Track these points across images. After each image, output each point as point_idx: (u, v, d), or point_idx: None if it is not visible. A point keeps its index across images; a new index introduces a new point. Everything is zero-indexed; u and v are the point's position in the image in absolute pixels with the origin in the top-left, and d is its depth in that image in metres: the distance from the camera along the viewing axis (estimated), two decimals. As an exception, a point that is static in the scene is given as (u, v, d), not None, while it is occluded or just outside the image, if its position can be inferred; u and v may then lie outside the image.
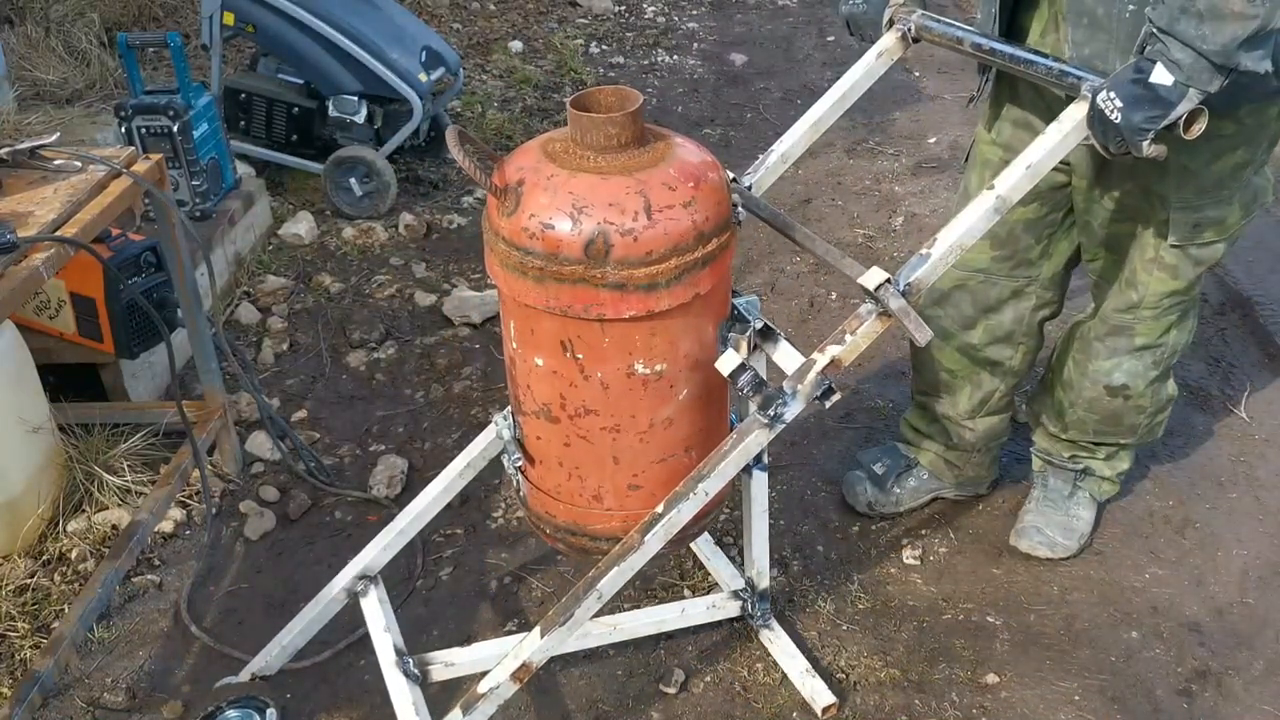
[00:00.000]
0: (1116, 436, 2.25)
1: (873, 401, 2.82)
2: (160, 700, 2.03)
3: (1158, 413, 2.23)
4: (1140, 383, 2.14)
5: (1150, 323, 2.08)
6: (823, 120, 1.91)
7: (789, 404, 1.55)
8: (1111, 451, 2.30)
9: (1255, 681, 2.05)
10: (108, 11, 4.63)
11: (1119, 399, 2.16)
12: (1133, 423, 2.21)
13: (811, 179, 4.02)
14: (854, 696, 2.03)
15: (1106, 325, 2.12)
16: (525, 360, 1.62)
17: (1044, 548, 2.31)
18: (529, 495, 1.79)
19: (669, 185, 1.49)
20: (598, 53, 5.33)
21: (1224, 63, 1.49)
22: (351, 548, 2.12)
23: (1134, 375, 2.13)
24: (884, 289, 1.50)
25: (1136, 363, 2.12)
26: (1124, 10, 1.72)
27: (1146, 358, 2.12)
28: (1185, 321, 2.12)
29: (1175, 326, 2.10)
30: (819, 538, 2.40)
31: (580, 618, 1.63)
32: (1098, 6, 1.75)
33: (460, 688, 1.92)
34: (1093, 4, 1.75)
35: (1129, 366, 2.12)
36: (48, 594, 2.21)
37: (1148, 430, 2.25)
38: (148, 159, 2.14)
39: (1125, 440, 2.26)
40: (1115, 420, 2.21)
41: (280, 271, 3.38)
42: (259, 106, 3.73)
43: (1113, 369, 2.13)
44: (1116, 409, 2.18)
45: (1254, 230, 3.57)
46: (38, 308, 2.51)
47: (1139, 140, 1.52)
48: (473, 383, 2.92)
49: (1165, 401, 2.22)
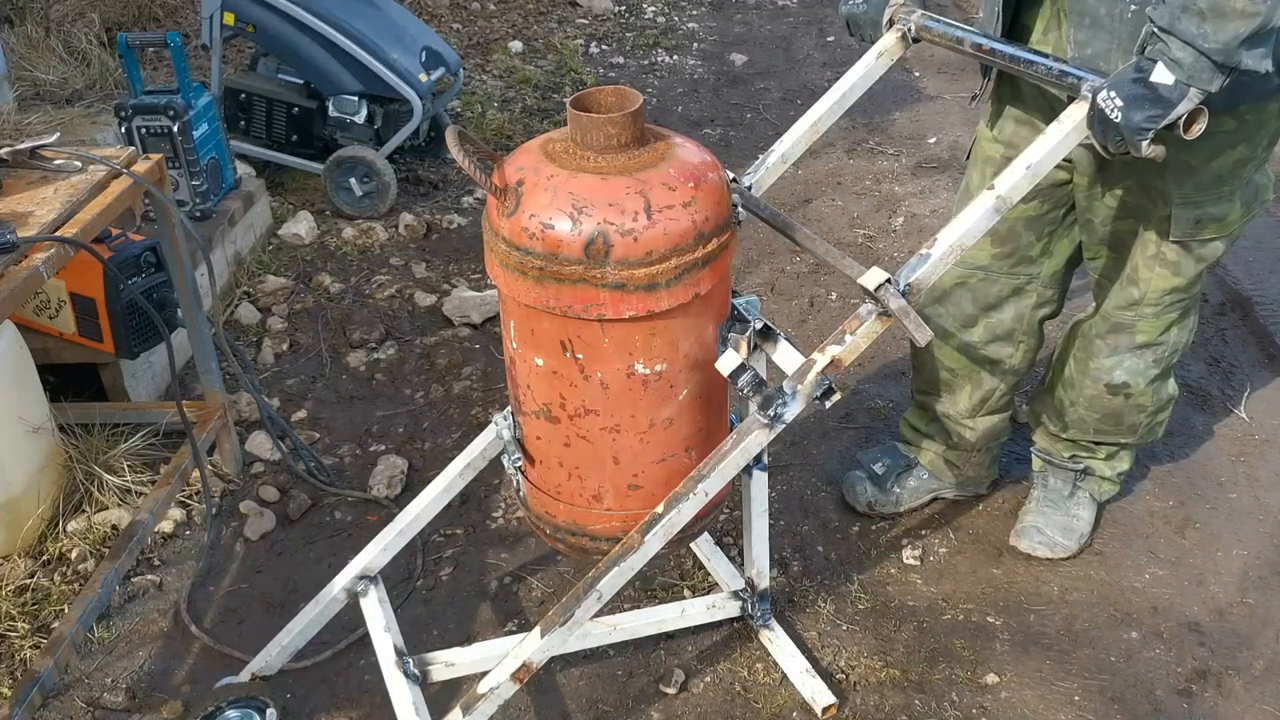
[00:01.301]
0: (1117, 436, 2.25)
1: (873, 402, 2.82)
2: (160, 700, 2.03)
3: (1158, 412, 2.23)
4: (1141, 381, 2.14)
5: (1151, 320, 2.08)
6: (823, 120, 1.91)
7: (789, 404, 1.55)
8: (1112, 451, 2.30)
9: (1255, 681, 2.05)
10: (108, 11, 4.64)
11: (1120, 397, 2.16)
12: (1133, 422, 2.21)
13: (811, 179, 4.02)
14: (854, 696, 2.03)
15: (1108, 323, 2.12)
16: (525, 360, 1.62)
17: (1044, 548, 2.31)
18: (529, 495, 1.79)
19: (669, 185, 1.49)
20: (598, 53, 5.33)
21: (1225, 61, 1.49)
22: (351, 548, 2.12)
23: (1135, 373, 2.13)
24: (884, 289, 1.50)
25: (1137, 361, 2.12)
26: (1126, 10, 1.72)
27: (1148, 356, 2.12)
28: (1186, 320, 2.12)
29: (1176, 325, 2.10)
30: (819, 538, 2.40)
31: (580, 618, 1.63)
32: (1100, 7, 1.75)
33: (460, 688, 1.93)
34: (1095, 4, 1.75)
35: (1130, 364, 2.12)
36: (48, 594, 2.21)
37: (1148, 430, 2.25)
38: (148, 159, 2.14)
39: (1126, 440, 2.26)
40: (1116, 419, 2.21)
41: (280, 271, 3.38)
42: (259, 106, 3.73)
43: (1114, 367, 2.13)
44: (1117, 408, 2.18)
45: (1254, 230, 3.57)
46: (38, 308, 2.51)
47: (1139, 140, 1.52)
48: (473, 383, 2.92)
49: (1166, 401, 2.22)
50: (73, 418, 2.44)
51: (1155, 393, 2.17)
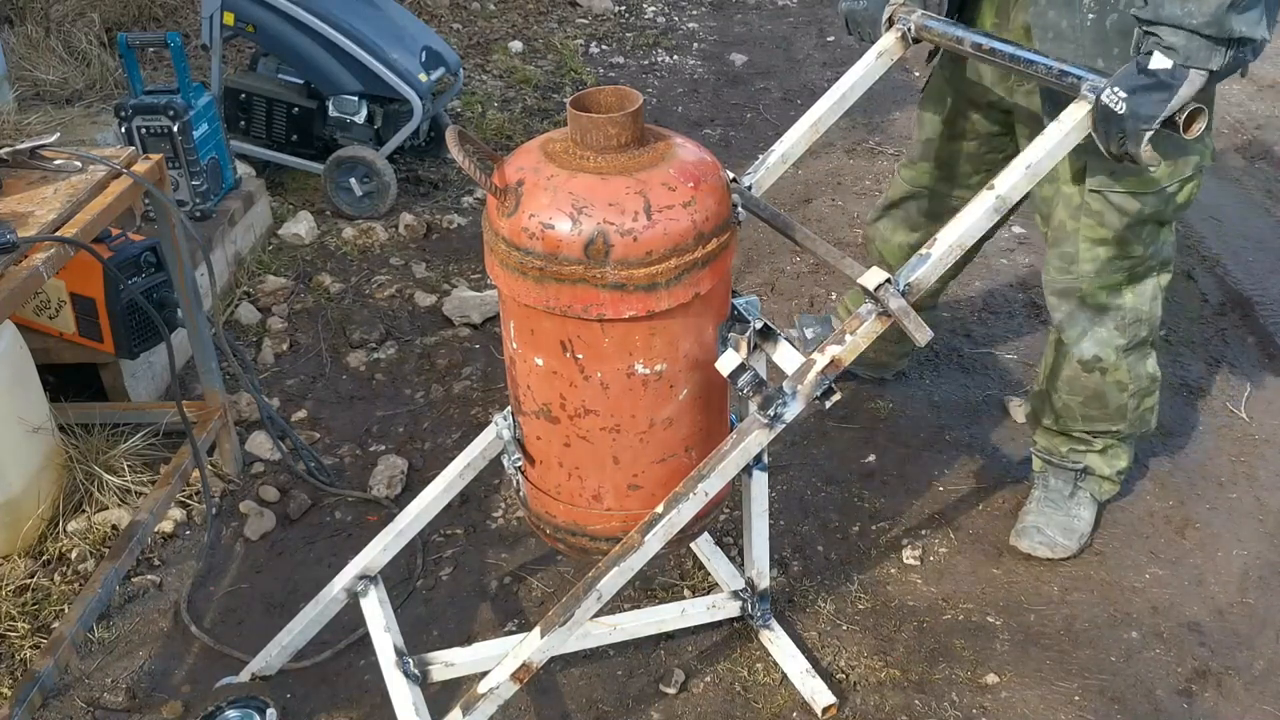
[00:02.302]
0: (1107, 423, 2.25)
1: (873, 402, 2.82)
2: (160, 700, 2.03)
3: (1143, 396, 2.24)
4: (1110, 352, 2.15)
5: (1093, 280, 2.09)
6: (822, 120, 1.92)
7: (789, 404, 1.55)
8: (1108, 444, 2.30)
9: (1255, 681, 2.05)
10: (108, 11, 4.63)
11: (1095, 374, 2.18)
12: (1118, 404, 2.22)
13: (811, 179, 4.02)
14: (854, 696, 2.03)
15: (1055, 290, 2.16)
16: (525, 360, 1.62)
17: (1044, 548, 2.31)
18: (529, 495, 1.79)
19: (669, 185, 1.49)
20: (598, 53, 5.33)
21: (1218, 34, 1.51)
22: (351, 548, 2.12)
23: (1102, 344, 2.15)
24: (884, 289, 1.51)
25: (1101, 330, 2.14)
26: (1085, 20, 1.80)
27: (1109, 323, 2.13)
28: (1140, 286, 2.12)
29: (1127, 289, 2.11)
30: (819, 538, 2.40)
31: (580, 618, 1.63)
32: (1061, 20, 1.82)
33: (460, 688, 1.93)
34: (1055, 17, 1.82)
35: (1096, 335, 2.14)
36: (48, 594, 2.21)
37: (1138, 417, 2.26)
38: (148, 159, 2.14)
39: (1116, 427, 2.26)
40: (1099, 401, 2.22)
41: (280, 271, 3.38)
42: (259, 106, 3.73)
43: (1080, 338, 2.16)
44: (1096, 386, 2.19)
45: (1254, 230, 3.57)
46: (38, 308, 2.51)
47: (1143, 131, 1.53)
48: (473, 383, 2.92)
49: (1148, 382, 2.23)
50: (73, 418, 2.44)
51: (1132, 369, 2.18)
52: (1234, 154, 4.13)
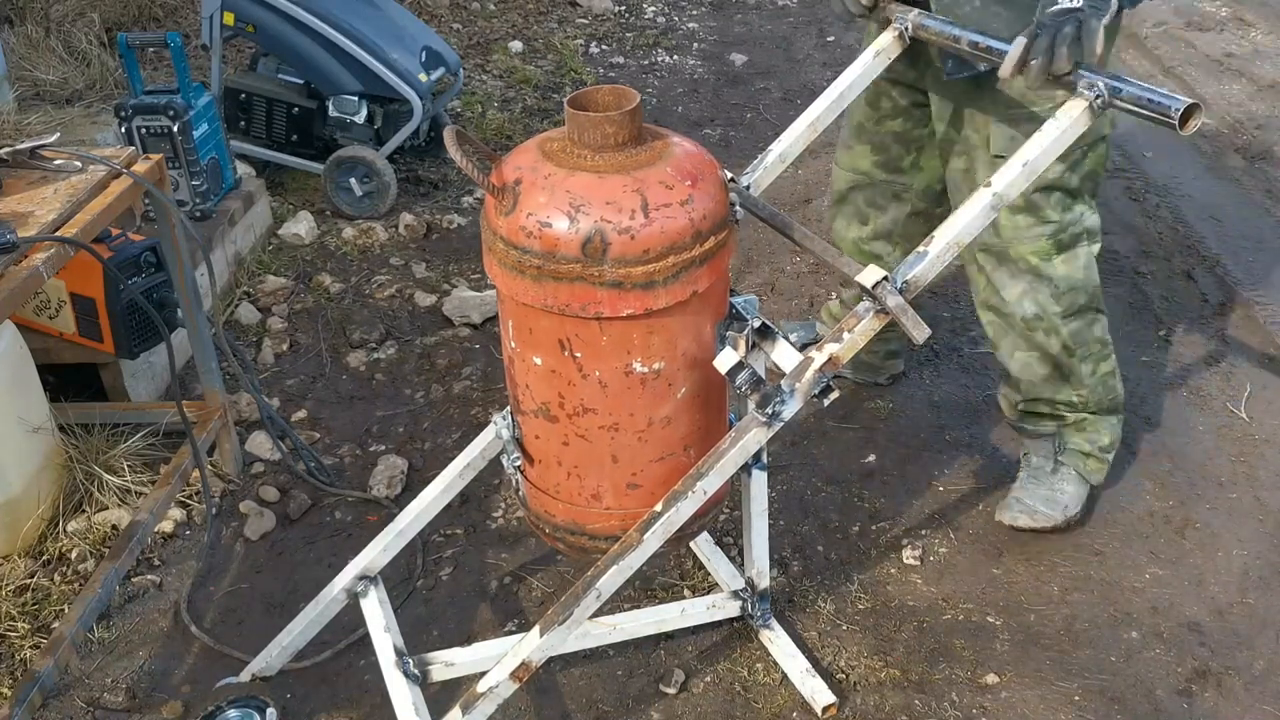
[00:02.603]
0: (1068, 390, 2.26)
1: (872, 402, 2.82)
2: (160, 700, 2.03)
3: (1097, 360, 2.25)
4: (1051, 313, 2.17)
5: (1018, 247, 2.12)
6: (821, 120, 1.92)
7: (787, 402, 1.55)
8: (1079, 417, 2.30)
9: (1255, 681, 2.05)
10: (108, 11, 4.63)
11: (1038, 333, 2.19)
12: (1070, 367, 2.23)
13: (811, 179, 4.02)
14: (854, 696, 2.03)
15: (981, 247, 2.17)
16: (524, 359, 1.62)
17: (1025, 516, 2.32)
18: (528, 495, 1.79)
19: (666, 183, 1.49)
20: (598, 53, 5.33)
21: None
22: (351, 548, 2.12)
23: (1041, 306, 2.17)
24: (881, 286, 1.51)
25: (1039, 294, 2.16)
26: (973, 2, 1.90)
27: (1044, 290, 2.16)
28: (1069, 254, 2.14)
29: (1057, 257, 2.13)
30: (819, 538, 2.40)
31: (579, 617, 1.63)
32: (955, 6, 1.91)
33: (460, 688, 1.92)
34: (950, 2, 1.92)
35: (1034, 297, 2.17)
36: (48, 594, 2.21)
37: (1098, 382, 2.27)
38: (148, 159, 2.15)
39: (1078, 394, 2.26)
40: (1052, 363, 2.23)
41: (280, 271, 3.38)
42: (259, 106, 3.73)
43: (1020, 297, 2.18)
44: (1041, 343, 2.21)
45: (1254, 230, 3.57)
46: (38, 308, 2.51)
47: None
48: (473, 383, 2.92)
49: (1097, 346, 2.24)
50: (73, 418, 2.44)
51: (1076, 333, 2.20)
52: (1234, 154, 4.13)
